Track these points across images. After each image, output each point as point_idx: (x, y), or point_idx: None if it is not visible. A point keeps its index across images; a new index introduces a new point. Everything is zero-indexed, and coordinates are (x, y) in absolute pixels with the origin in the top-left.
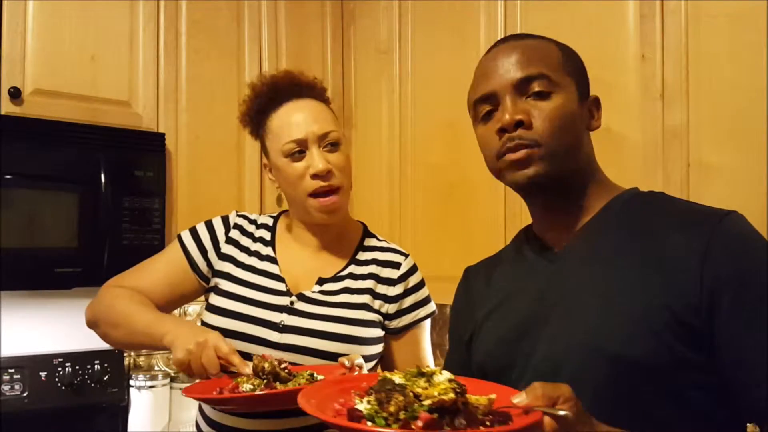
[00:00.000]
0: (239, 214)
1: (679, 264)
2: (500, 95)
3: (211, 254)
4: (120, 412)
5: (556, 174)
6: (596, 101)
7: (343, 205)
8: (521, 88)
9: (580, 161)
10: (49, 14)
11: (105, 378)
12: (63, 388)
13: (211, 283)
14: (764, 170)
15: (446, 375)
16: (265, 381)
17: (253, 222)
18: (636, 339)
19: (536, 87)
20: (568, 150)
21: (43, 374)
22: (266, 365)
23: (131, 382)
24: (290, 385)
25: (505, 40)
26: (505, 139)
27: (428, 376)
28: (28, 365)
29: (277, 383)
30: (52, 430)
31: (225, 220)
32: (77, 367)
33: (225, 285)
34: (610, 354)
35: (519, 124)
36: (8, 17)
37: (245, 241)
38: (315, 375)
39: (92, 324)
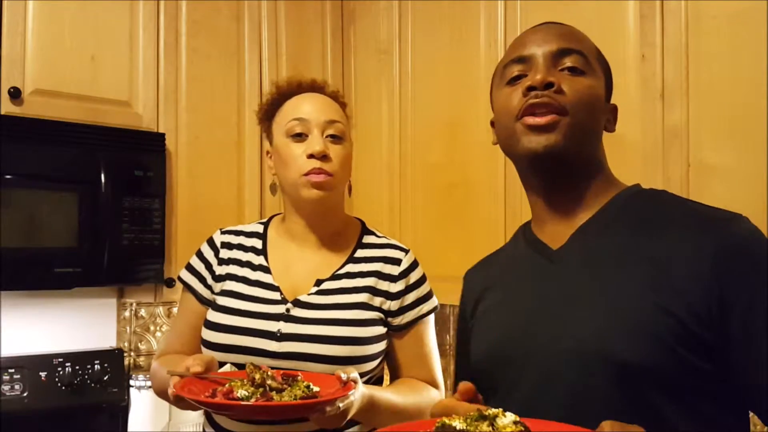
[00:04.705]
0: (223, 231)
1: (684, 269)
2: (534, 59)
3: (210, 281)
4: (120, 412)
5: (574, 149)
6: (615, 108)
7: (334, 190)
8: (557, 59)
9: (595, 152)
10: (49, 14)
11: (105, 378)
12: (63, 388)
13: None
14: (764, 170)
15: (511, 417)
16: (261, 390)
17: (240, 233)
18: (636, 343)
19: (572, 61)
20: (591, 130)
21: (43, 374)
22: (257, 376)
23: (131, 382)
24: (285, 396)
25: (547, 22)
26: (532, 96)
27: (491, 419)
28: (28, 365)
29: (273, 393)
30: (52, 430)
31: (211, 243)
32: (77, 367)
33: (221, 300)
34: (609, 358)
35: (549, 85)
36: (8, 17)
37: (236, 254)
38: (311, 386)
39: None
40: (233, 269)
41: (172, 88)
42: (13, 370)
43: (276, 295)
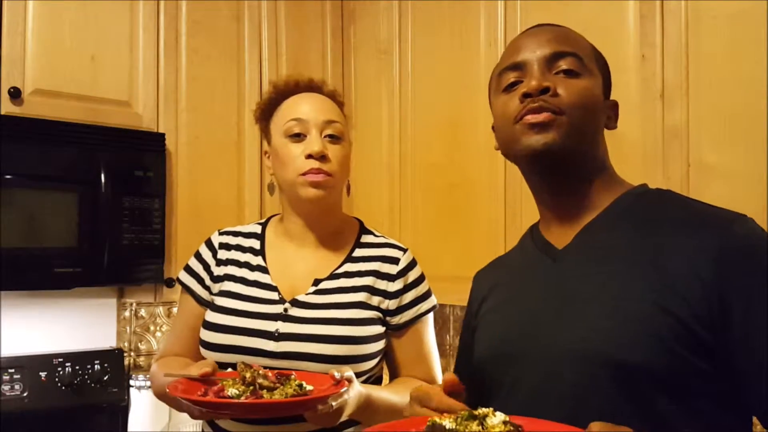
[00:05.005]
0: (221, 232)
1: (686, 269)
2: (529, 65)
3: (208, 282)
4: (120, 412)
5: (572, 147)
6: (615, 104)
7: (332, 190)
8: (551, 63)
9: (596, 151)
10: (49, 14)
11: (105, 378)
12: (63, 388)
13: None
14: (764, 170)
15: (500, 417)
16: (251, 388)
17: (238, 234)
18: (638, 344)
19: (566, 64)
20: (588, 130)
21: (43, 374)
22: (247, 375)
23: (131, 382)
24: (277, 394)
25: (540, 25)
26: (528, 101)
27: (480, 419)
28: (28, 365)
29: (264, 391)
30: (52, 430)
31: (209, 244)
32: (77, 367)
33: (219, 301)
34: (611, 359)
35: (545, 90)
36: (8, 17)
37: (234, 255)
38: (304, 385)
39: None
40: (231, 270)
41: (172, 88)
42: (13, 370)
43: (274, 295)
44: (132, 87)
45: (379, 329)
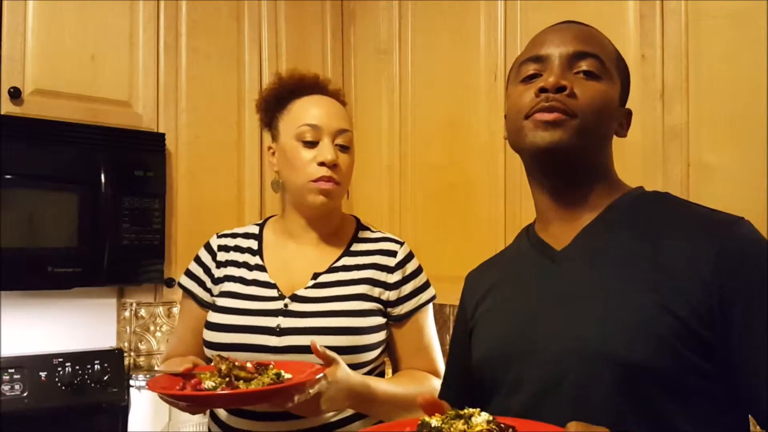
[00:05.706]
0: (219, 235)
1: (686, 270)
2: (550, 60)
3: (209, 284)
4: (120, 412)
5: (578, 149)
6: (629, 113)
7: (338, 197)
8: (572, 62)
9: (601, 157)
10: (49, 14)
11: (105, 378)
12: (63, 388)
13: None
14: (764, 170)
15: (484, 416)
16: (227, 380)
17: (236, 235)
18: (639, 343)
19: (587, 65)
20: (598, 135)
21: (43, 374)
22: (223, 367)
23: (131, 382)
24: (254, 384)
25: (568, 21)
26: (543, 98)
27: (466, 418)
28: (28, 365)
29: (240, 382)
30: (52, 430)
31: (208, 247)
32: (77, 367)
33: (220, 301)
34: (612, 358)
35: (561, 89)
36: (8, 17)
37: (233, 256)
38: (282, 374)
39: None
40: (231, 271)
41: (172, 88)
42: (13, 370)
43: (273, 292)
44: (132, 87)
45: (380, 320)
